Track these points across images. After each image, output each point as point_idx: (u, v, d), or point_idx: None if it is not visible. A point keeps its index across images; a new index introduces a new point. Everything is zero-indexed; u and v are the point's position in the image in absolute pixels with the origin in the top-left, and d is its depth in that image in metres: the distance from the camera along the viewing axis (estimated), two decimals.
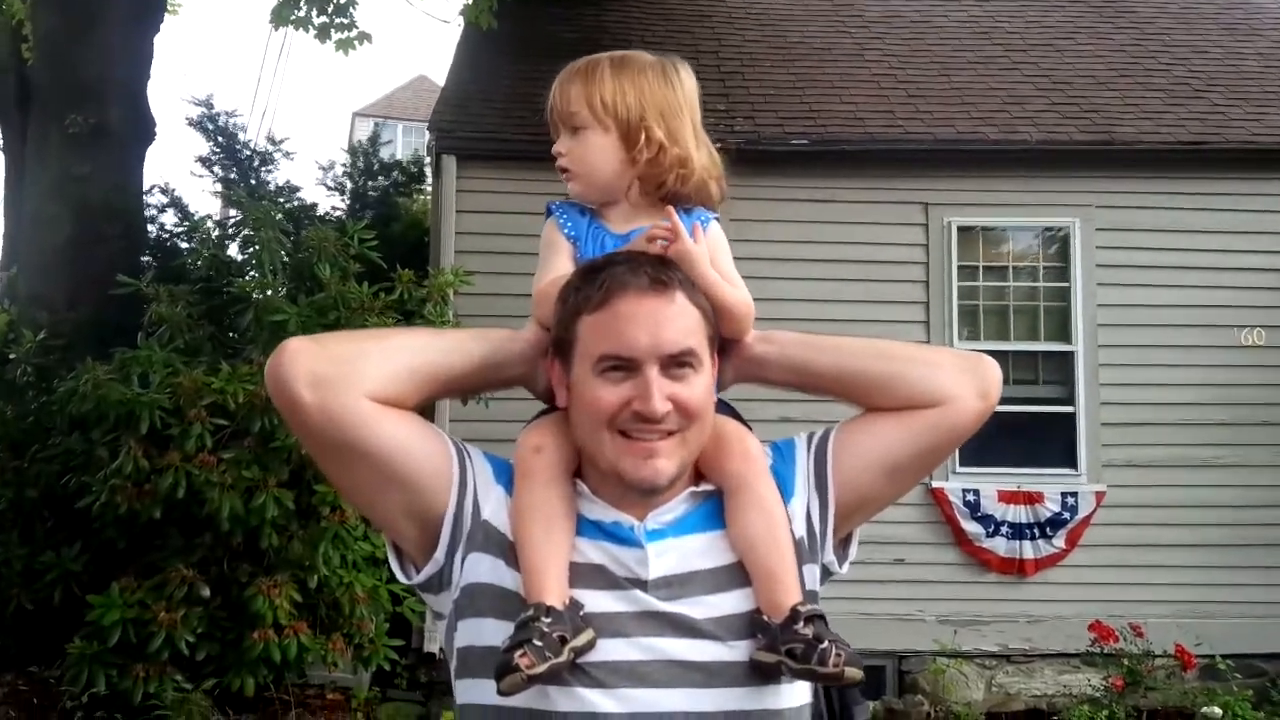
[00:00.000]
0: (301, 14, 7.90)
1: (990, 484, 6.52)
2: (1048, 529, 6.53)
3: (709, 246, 1.46)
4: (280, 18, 7.90)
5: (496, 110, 7.38)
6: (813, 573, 1.44)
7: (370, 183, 10.28)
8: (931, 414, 1.45)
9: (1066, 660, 6.44)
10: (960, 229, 6.95)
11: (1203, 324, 6.78)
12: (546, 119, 1.54)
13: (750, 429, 1.50)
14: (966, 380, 1.46)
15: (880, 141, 7.06)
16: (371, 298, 5.25)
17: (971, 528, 6.50)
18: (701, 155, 1.52)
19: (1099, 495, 6.59)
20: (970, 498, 6.53)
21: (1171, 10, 9.09)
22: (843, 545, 1.50)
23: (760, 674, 1.34)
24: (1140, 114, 7.35)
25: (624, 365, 1.33)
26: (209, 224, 6.99)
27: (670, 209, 1.45)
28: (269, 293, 5.58)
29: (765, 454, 1.47)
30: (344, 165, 10.60)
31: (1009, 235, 7.12)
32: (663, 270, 1.37)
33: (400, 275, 5.48)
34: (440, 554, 1.39)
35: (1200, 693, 5.85)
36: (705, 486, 1.43)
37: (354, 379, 1.33)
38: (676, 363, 1.34)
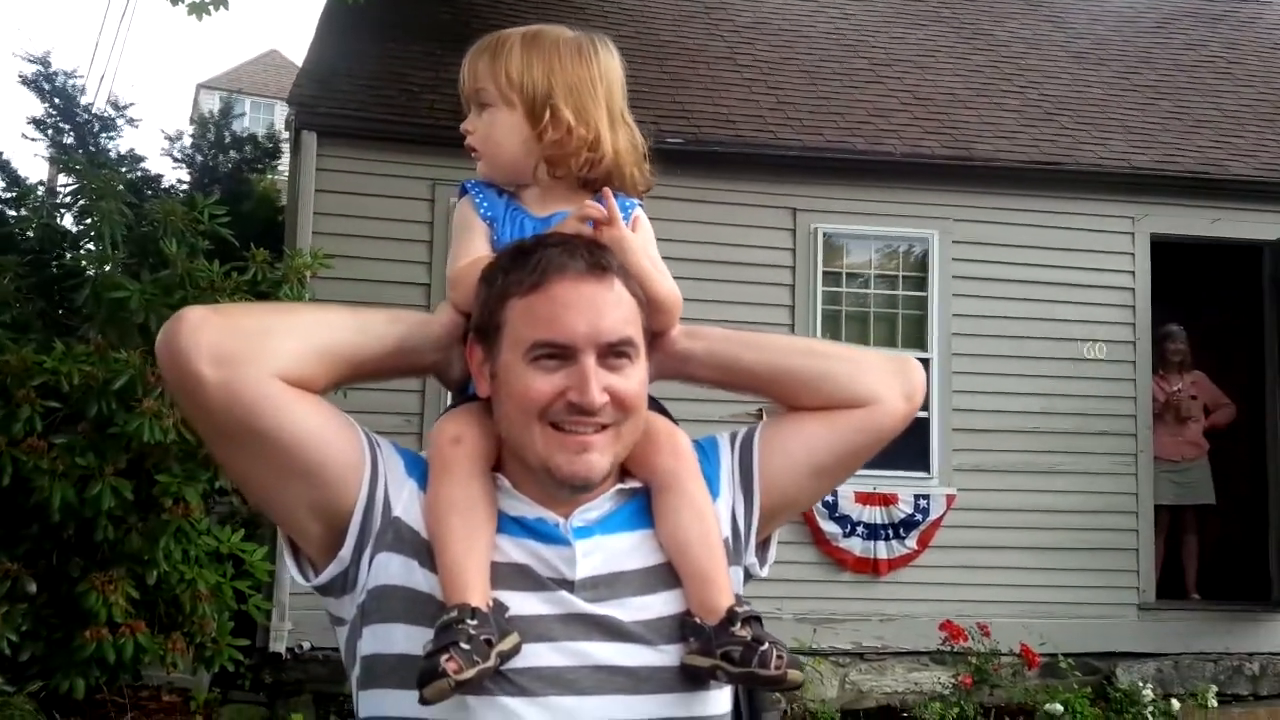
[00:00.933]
0: None
1: (848, 485, 6.64)
2: (901, 530, 6.72)
3: (640, 233, 1.40)
4: None
5: (362, 87, 7.12)
6: (737, 574, 1.39)
7: (221, 156, 9.77)
8: (858, 414, 1.41)
9: (917, 658, 6.64)
10: (826, 235, 7.07)
11: (1049, 336, 7.09)
12: (460, 96, 1.45)
13: (677, 424, 1.44)
14: (894, 381, 1.44)
15: (752, 145, 7.12)
16: (223, 277, 4.98)
17: (829, 528, 6.62)
18: (618, 139, 1.44)
19: (949, 498, 6.82)
20: (829, 498, 6.64)
21: (1024, 36, 9.51)
22: (762, 547, 1.46)
23: (690, 679, 1.28)
24: (997, 133, 7.64)
25: (559, 353, 1.24)
26: (41, 191, 6.50)
27: (607, 191, 1.37)
28: (108, 267, 5.22)
29: (694, 451, 1.41)
30: (192, 137, 10.04)
31: (871, 244, 7.28)
32: (600, 255, 1.28)
33: (254, 254, 5.22)
34: (346, 553, 1.27)
35: (1041, 690, 6.12)
36: (632, 484, 1.35)
37: (263, 356, 1.19)
38: (615, 352, 1.26)
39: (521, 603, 1.24)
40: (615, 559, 1.30)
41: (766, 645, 1.23)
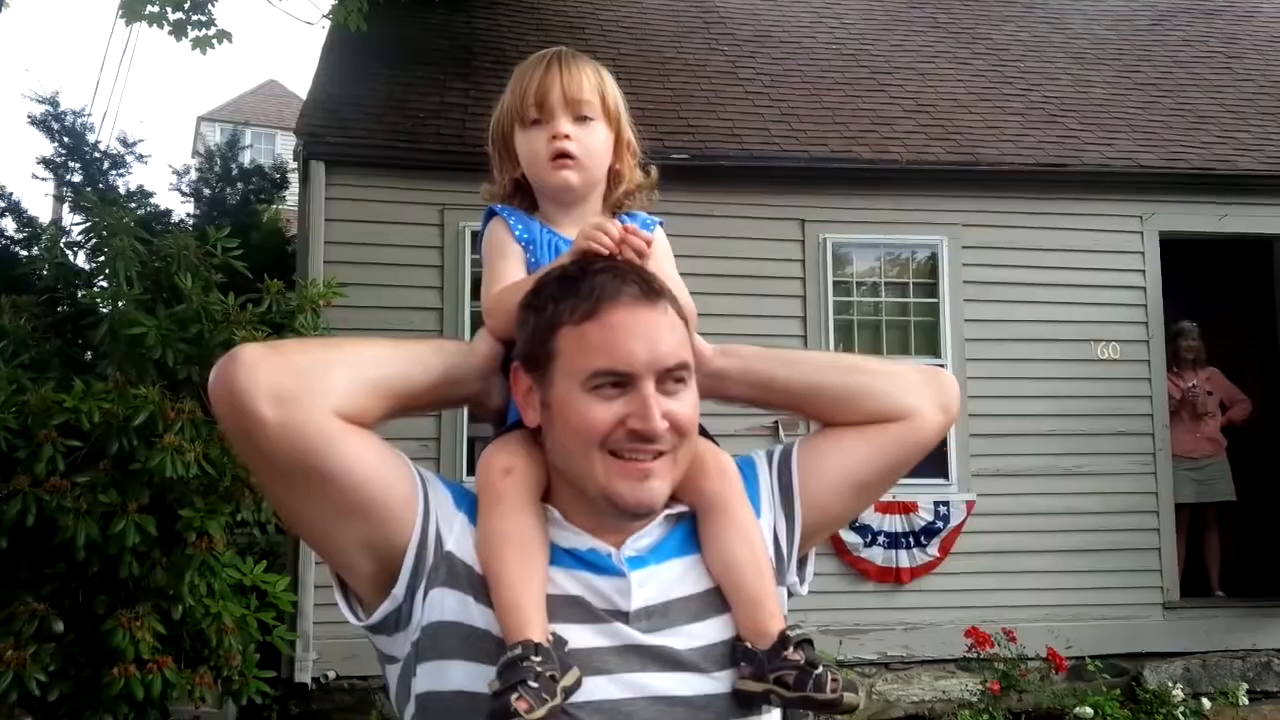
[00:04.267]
0: (155, 9, 7.43)
1: None
2: (922, 538, 6.70)
3: (657, 251, 1.41)
4: (133, 12, 7.40)
5: (367, 116, 7.15)
6: (781, 595, 1.39)
7: (228, 189, 9.80)
8: (895, 428, 1.42)
9: (942, 666, 6.60)
10: (834, 245, 7.07)
11: (1062, 338, 7.08)
12: (527, 98, 1.45)
13: (719, 445, 1.44)
14: (929, 394, 1.44)
15: (758, 158, 7.13)
16: (238, 309, 4.98)
17: (850, 538, 6.60)
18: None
19: (969, 504, 6.80)
20: None
21: (1023, 39, 9.52)
22: (800, 565, 1.45)
23: (742, 704, 1.28)
24: (1001, 137, 7.65)
25: (619, 380, 1.23)
26: (53, 230, 6.53)
27: (640, 215, 1.40)
28: (122, 304, 5.24)
29: (738, 473, 1.40)
30: (198, 170, 10.08)
31: (880, 252, 7.28)
32: (652, 279, 1.29)
33: (268, 285, 5.22)
34: (399, 590, 1.26)
35: (1070, 693, 6.08)
36: (679, 508, 1.35)
37: (319, 393, 1.19)
38: (672, 378, 1.25)
39: (578, 635, 1.24)
40: (668, 587, 1.30)
41: (821, 669, 1.24)
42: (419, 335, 6.69)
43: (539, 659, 1.16)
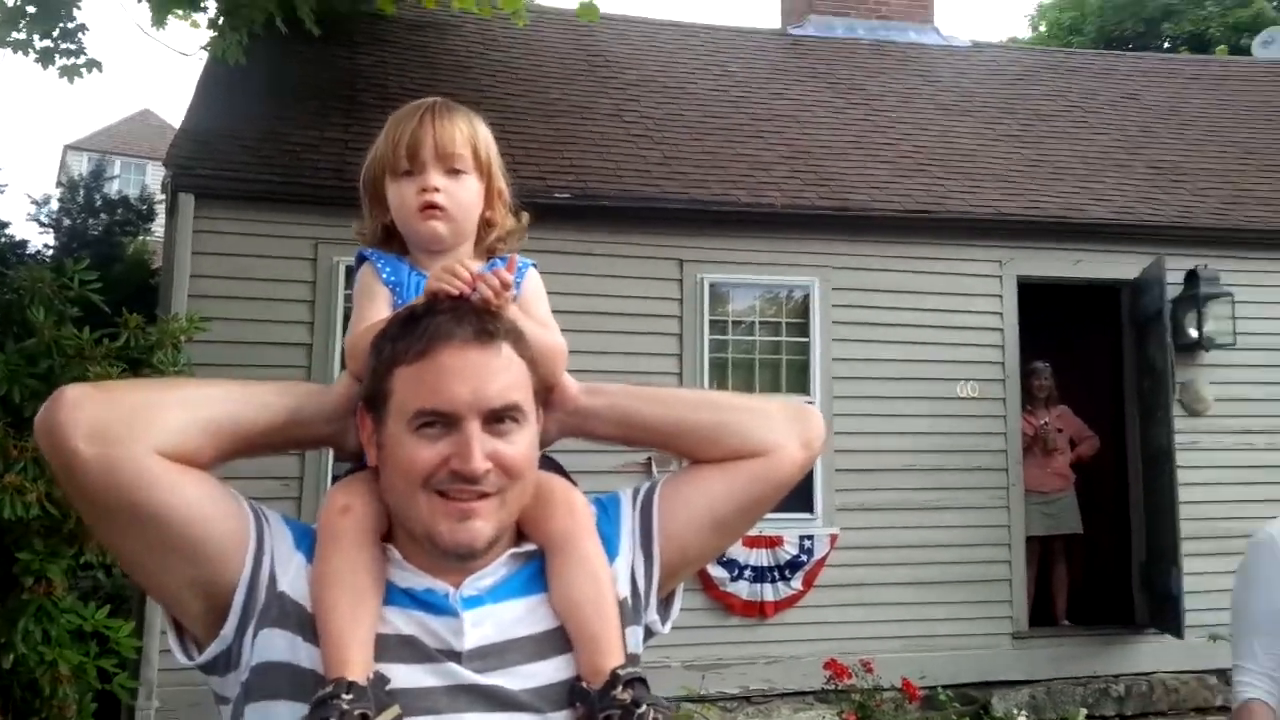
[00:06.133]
0: (21, 36, 7.17)
1: None
2: (786, 571, 6.82)
3: (528, 292, 1.45)
4: None
5: (242, 148, 7.00)
6: (636, 634, 1.40)
7: (91, 220, 9.45)
8: (755, 464, 1.43)
9: (801, 698, 6.70)
10: (711, 285, 7.22)
11: (925, 377, 7.34)
12: (399, 149, 1.47)
13: (575, 483, 1.46)
14: (791, 429, 1.46)
15: (639, 199, 7.24)
16: (93, 344, 4.80)
17: (717, 572, 6.67)
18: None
19: (833, 537, 6.97)
20: None
21: (896, 90, 9.91)
22: (664, 604, 1.47)
23: None
24: (871, 183, 7.93)
25: (442, 420, 1.26)
26: None
27: (514, 257, 1.44)
28: None
29: (591, 510, 1.43)
30: (60, 200, 9.70)
31: (756, 292, 7.45)
32: (489, 320, 1.30)
33: (126, 320, 5.05)
34: (229, 630, 1.27)
35: None
36: (528, 547, 1.36)
37: (142, 432, 1.20)
38: (499, 418, 1.28)
39: (408, 675, 1.25)
40: (506, 627, 1.30)
41: (644, 708, 1.25)
42: (288, 371, 6.50)
43: (350, 697, 1.17)
